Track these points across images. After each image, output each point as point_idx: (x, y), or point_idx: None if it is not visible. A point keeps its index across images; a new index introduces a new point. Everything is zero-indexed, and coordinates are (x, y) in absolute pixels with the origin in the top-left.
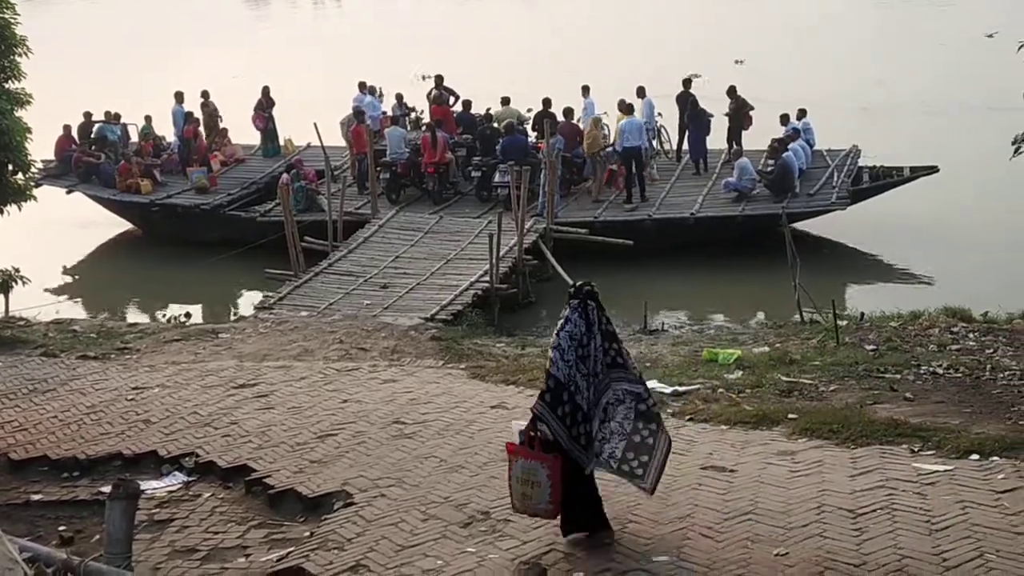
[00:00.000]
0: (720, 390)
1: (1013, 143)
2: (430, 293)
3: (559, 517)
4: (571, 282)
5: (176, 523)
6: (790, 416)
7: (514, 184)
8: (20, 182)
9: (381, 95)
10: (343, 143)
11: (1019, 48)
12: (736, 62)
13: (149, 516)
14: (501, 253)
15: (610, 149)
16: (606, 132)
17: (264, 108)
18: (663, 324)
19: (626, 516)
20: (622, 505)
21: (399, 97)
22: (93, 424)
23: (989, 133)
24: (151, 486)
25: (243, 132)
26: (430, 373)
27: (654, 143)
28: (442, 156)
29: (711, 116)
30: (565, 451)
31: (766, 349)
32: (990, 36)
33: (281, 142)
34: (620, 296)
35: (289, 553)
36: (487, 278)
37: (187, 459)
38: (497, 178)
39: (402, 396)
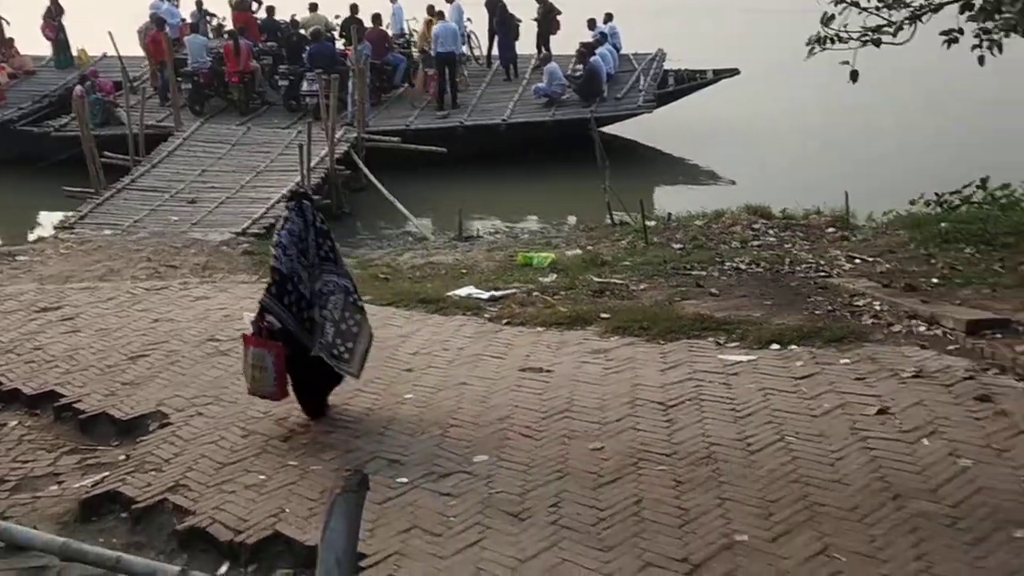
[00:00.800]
0: (535, 293)
1: (807, 44)
2: (240, 207)
3: (302, 405)
4: (385, 192)
5: None
6: (602, 316)
7: (323, 93)
8: None
9: (178, 2)
10: (141, 53)
11: None
12: None
13: None
14: (312, 164)
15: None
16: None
17: (53, 16)
18: (478, 231)
19: (447, 420)
20: (443, 410)
21: (199, 3)
22: None
23: (787, 35)
24: None
25: (32, 43)
26: (244, 288)
27: (464, 49)
28: (246, 65)
29: (519, 21)
30: (292, 338)
31: (579, 251)
32: None
33: (74, 52)
34: (435, 204)
35: (104, 478)
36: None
37: None
38: (305, 87)
39: (216, 313)
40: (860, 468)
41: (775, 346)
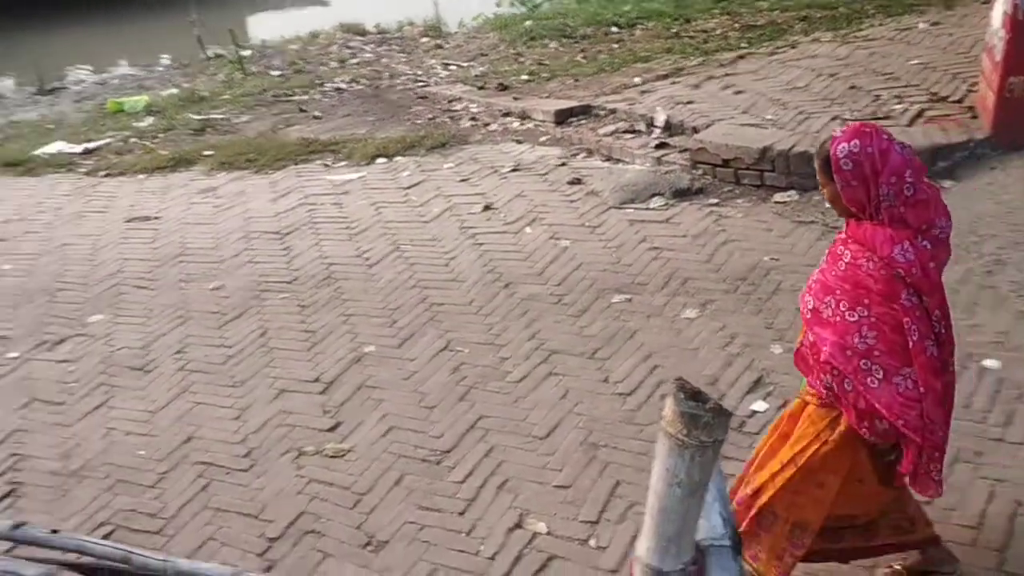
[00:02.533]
0: (132, 140)
1: None
2: None
3: None
4: None
5: None
6: (206, 153)
7: None
8: None
9: None
10: None
11: None
12: None
13: None
14: None
15: None
16: None
17: None
18: (63, 81)
19: (53, 285)
20: (48, 275)
21: None
22: None
23: None
24: None
25: None
26: None
27: None
28: None
29: None
30: None
31: (175, 91)
32: None
33: None
34: (11, 57)
35: None
36: None
37: None
38: None
39: None
40: (472, 264)
41: (381, 160)
